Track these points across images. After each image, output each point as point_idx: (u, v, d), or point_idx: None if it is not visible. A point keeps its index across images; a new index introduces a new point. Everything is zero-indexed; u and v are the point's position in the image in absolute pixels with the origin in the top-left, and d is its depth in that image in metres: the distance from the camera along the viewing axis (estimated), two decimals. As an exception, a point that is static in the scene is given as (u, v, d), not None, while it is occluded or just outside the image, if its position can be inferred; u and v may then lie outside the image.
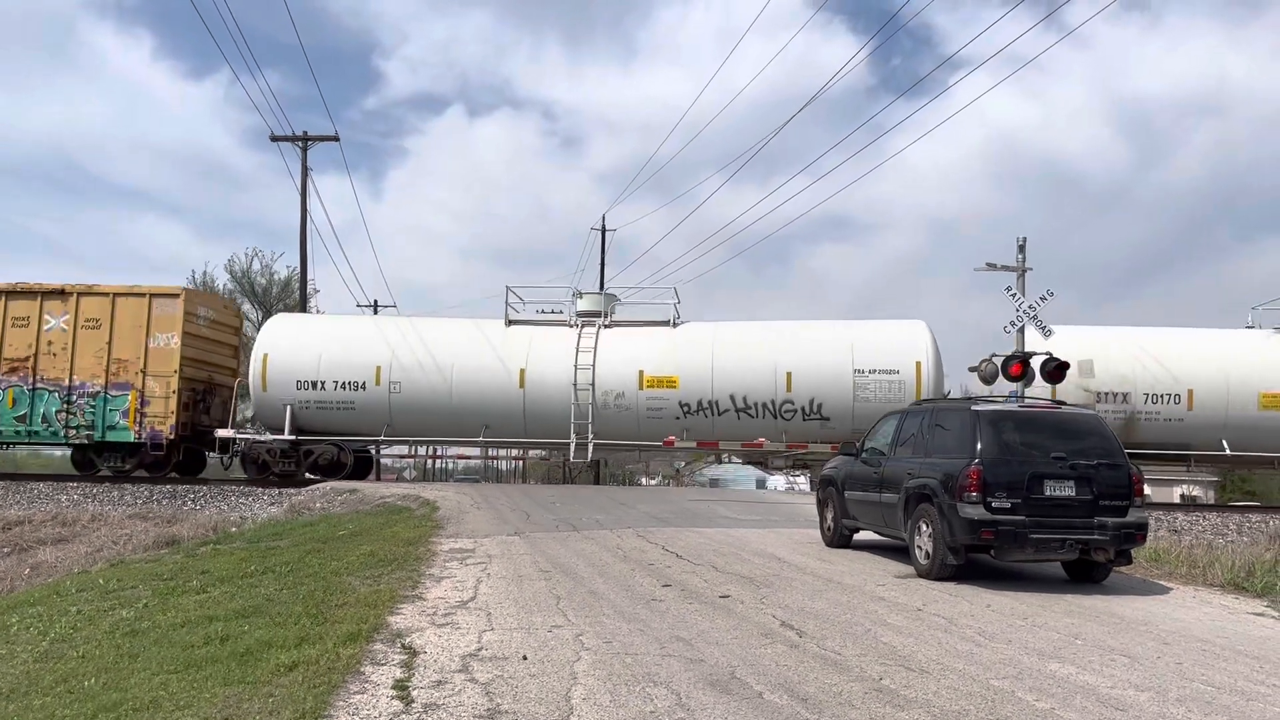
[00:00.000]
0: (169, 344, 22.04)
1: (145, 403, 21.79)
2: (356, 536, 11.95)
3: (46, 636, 7.70)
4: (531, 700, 4.94)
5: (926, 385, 20.90)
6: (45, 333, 22.08)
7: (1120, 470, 9.32)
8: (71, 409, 21.90)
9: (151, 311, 22.06)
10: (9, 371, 22.03)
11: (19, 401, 21.97)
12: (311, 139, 31.16)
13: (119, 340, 22.03)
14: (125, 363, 21.96)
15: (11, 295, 22.34)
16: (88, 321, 22.07)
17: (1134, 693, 5.43)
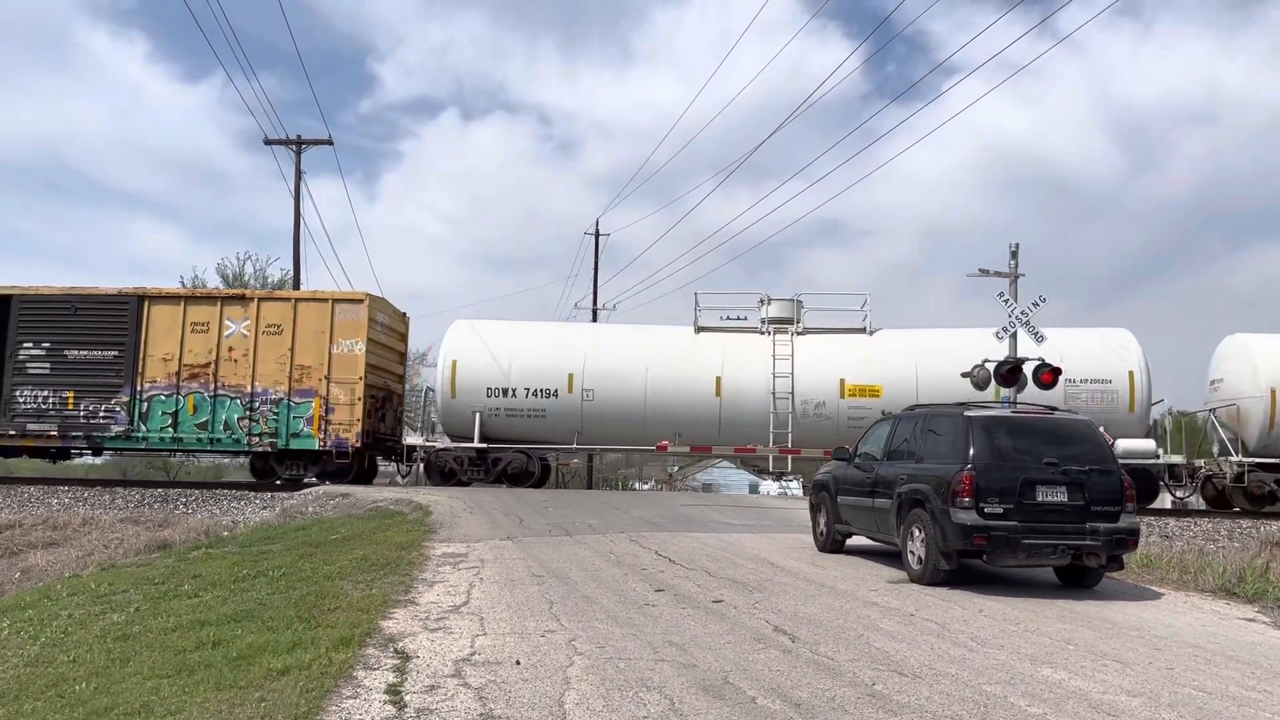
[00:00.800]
0: (353, 350, 21.69)
1: (330, 410, 21.48)
2: (349, 541, 11.93)
3: (37, 641, 7.67)
4: (524, 705, 4.94)
5: (1140, 395, 20.75)
6: (225, 339, 21.77)
7: (1112, 476, 9.35)
8: (254, 416, 21.58)
9: (334, 317, 21.75)
10: (190, 378, 21.72)
11: (200, 408, 21.69)
12: (305, 143, 31.14)
13: (301, 346, 21.70)
14: (308, 369, 21.63)
15: (191, 300, 22.18)
16: (269, 327, 21.76)
17: (1126, 698, 5.44)
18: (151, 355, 21.80)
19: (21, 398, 21.88)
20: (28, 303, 22.14)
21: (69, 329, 21.97)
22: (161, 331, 21.83)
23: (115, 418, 21.73)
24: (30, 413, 21.84)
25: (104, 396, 21.77)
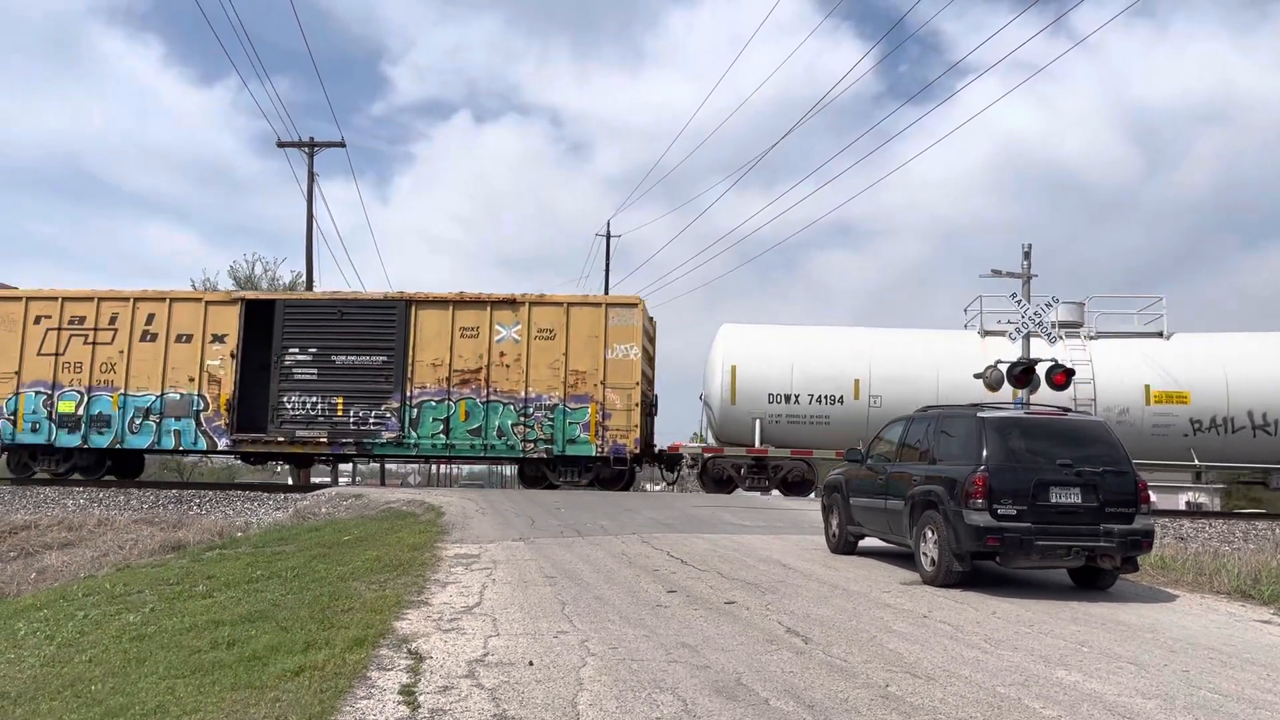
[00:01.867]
0: (628, 355, 21.42)
1: (606, 415, 21.21)
2: (362, 542, 11.96)
3: (53, 641, 7.72)
4: (538, 706, 4.94)
5: None
6: (496, 344, 21.54)
7: (1126, 477, 9.31)
8: (528, 422, 21.33)
9: (608, 321, 21.47)
10: (460, 384, 21.51)
11: (472, 414, 21.47)
12: (318, 145, 31.28)
13: (575, 351, 21.43)
14: (583, 374, 21.34)
15: (459, 305, 21.83)
16: (541, 332, 21.50)
17: (1141, 700, 5.42)
18: (420, 360, 21.59)
19: (289, 404, 21.77)
20: (293, 308, 22.07)
21: (336, 334, 21.84)
22: (430, 336, 21.65)
23: (386, 424, 21.54)
24: (299, 419, 21.70)
25: (374, 402, 21.61)
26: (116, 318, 21.96)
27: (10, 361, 21.92)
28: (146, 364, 21.87)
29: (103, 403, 21.79)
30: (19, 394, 21.82)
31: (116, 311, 21.99)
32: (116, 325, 21.94)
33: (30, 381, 21.83)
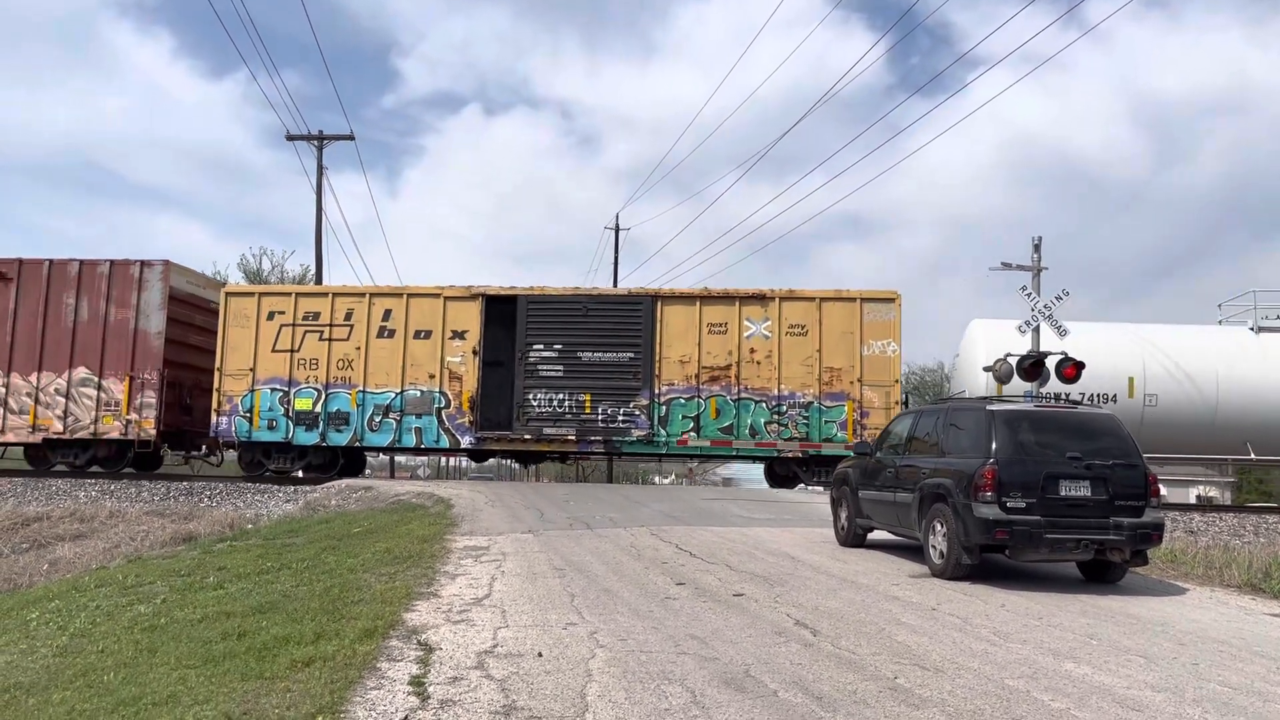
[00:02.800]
0: (885, 351, 20.84)
1: (864, 414, 20.60)
2: (371, 534, 12.01)
3: (66, 631, 7.77)
4: (547, 697, 4.96)
5: None
6: (745, 340, 21.04)
7: (1136, 470, 9.29)
8: (782, 420, 20.83)
9: (863, 316, 20.87)
10: (709, 380, 21.06)
11: (723, 412, 21.01)
12: (327, 138, 31.31)
13: (829, 347, 20.87)
14: (838, 371, 20.78)
15: (706, 300, 21.38)
16: (792, 328, 20.96)
17: (1150, 693, 5.41)
18: (667, 357, 21.21)
19: (535, 401, 21.45)
20: (536, 304, 21.69)
21: (580, 330, 21.50)
22: (677, 333, 21.25)
23: (635, 422, 21.16)
24: (545, 416, 21.39)
25: (622, 400, 21.21)
26: (352, 313, 21.81)
27: (245, 358, 21.80)
28: (384, 360, 21.67)
29: (340, 400, 21.61)
30: (254, 390, 21.68)
31: (352, 307, 21.85)
32: (352, 321, 21.78)
33: (266, 378, 21.69)
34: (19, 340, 21.99)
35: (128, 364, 21.72)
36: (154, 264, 22.10)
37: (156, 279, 21.96)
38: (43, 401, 21.83)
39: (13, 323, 22.04)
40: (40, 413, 21.84)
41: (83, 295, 21.97)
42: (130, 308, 21.87)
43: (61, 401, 21.74)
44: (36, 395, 21.82)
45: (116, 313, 21.89)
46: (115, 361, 21.78)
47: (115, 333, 21.82)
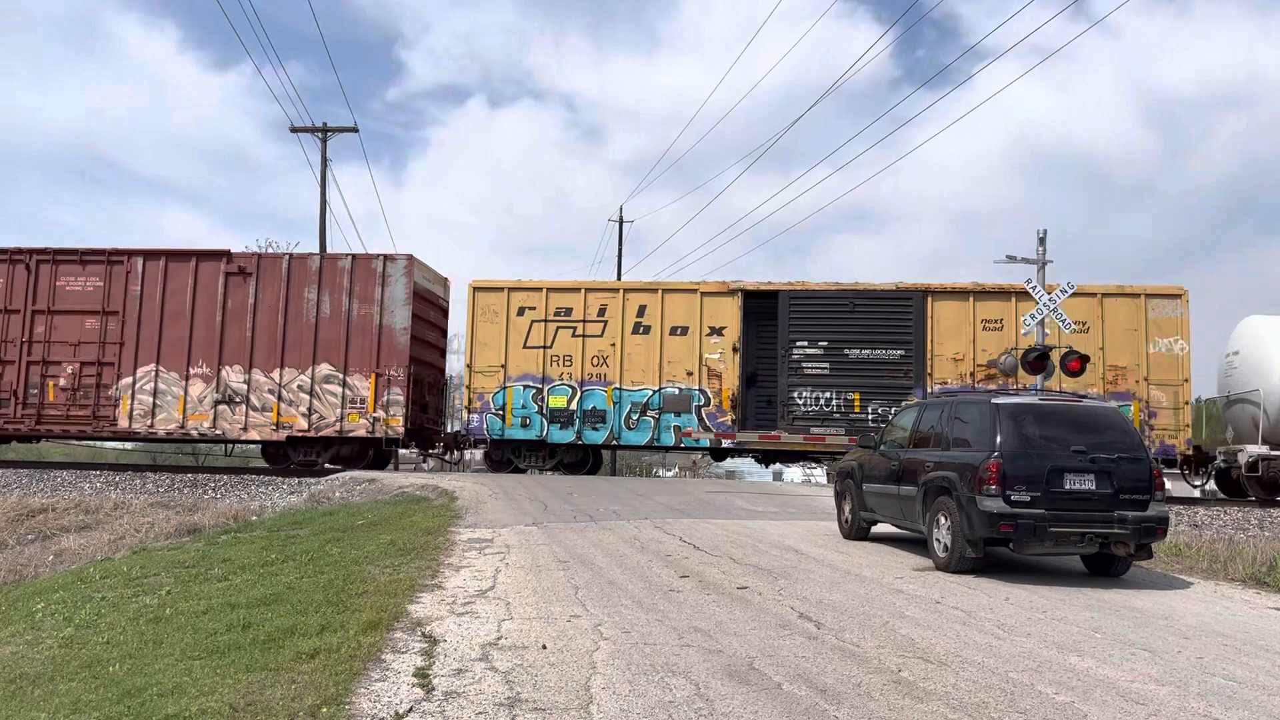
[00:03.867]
0: (1172, 349, 20.11)
1: (1152, 414, 19.98)
2: (376, 526, 12.02)
3: (71, 622, 7.79)
4: (551, 689, 4.97)
5: None
6: (1024, 337, 19.90)
7: (1141, 464, 9.27)
8: None
9: (1148, 313, 20.21)
10: (986, 379, 20.48)
11: None
12: (331, 130, 31.29)
13: (1112, 345, 20.23)
14: (1122, 370, 20.15)
15: (980, 296, 20.64)
16: (1076, 324, 19.62)
17: (1155, 687, 5.41)
18: (939, 354, 20.59)
19: (800, 399, 20.92)
20: (799, 299, 21.09)
21: (846, 327, 20.94)
22: (949, 329, 20.63)
23: None
24: (812, 415, 20.87)
25: (893, 399, 20.32)
26: (605, 309, 21.47)
27: (495, 354, 21.59)
28: (640, 357, 21.28)
29: (596, 397, 21.26)
30: (506, 387, 21.43)
31: (605, 303, 21.52)
32: (606, 317, 21.45)
33: (518, 375, 21.45)
34: (259, 336, 21.67)
35: (372, 361, 21.39)
36: (397, 258, 21.67)
37: (400, 274, 21.57)
38: (285, 399, 21.53)
39: (252, 318, 21.69)
40: (283, 410, 21.53)
41: (324, 290, 21.65)
42: (374, 303, 21.53)
43: (305, 399, 21.45)
44: (279, 392, 21.52)
45: (359, 308, 21.56)
46: (359, 358, 21.46)
47: (359, 329, 21.50)
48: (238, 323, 21.81)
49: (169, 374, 21.85)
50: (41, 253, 22.19)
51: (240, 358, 21.71)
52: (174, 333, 21.89)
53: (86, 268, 22.14)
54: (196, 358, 21.82)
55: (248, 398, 21.63)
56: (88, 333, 21.97)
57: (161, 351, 21.86)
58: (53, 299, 22.11)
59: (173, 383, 21.82)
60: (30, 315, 22.07)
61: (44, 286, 22.12)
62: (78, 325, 22.00)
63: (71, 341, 21.98)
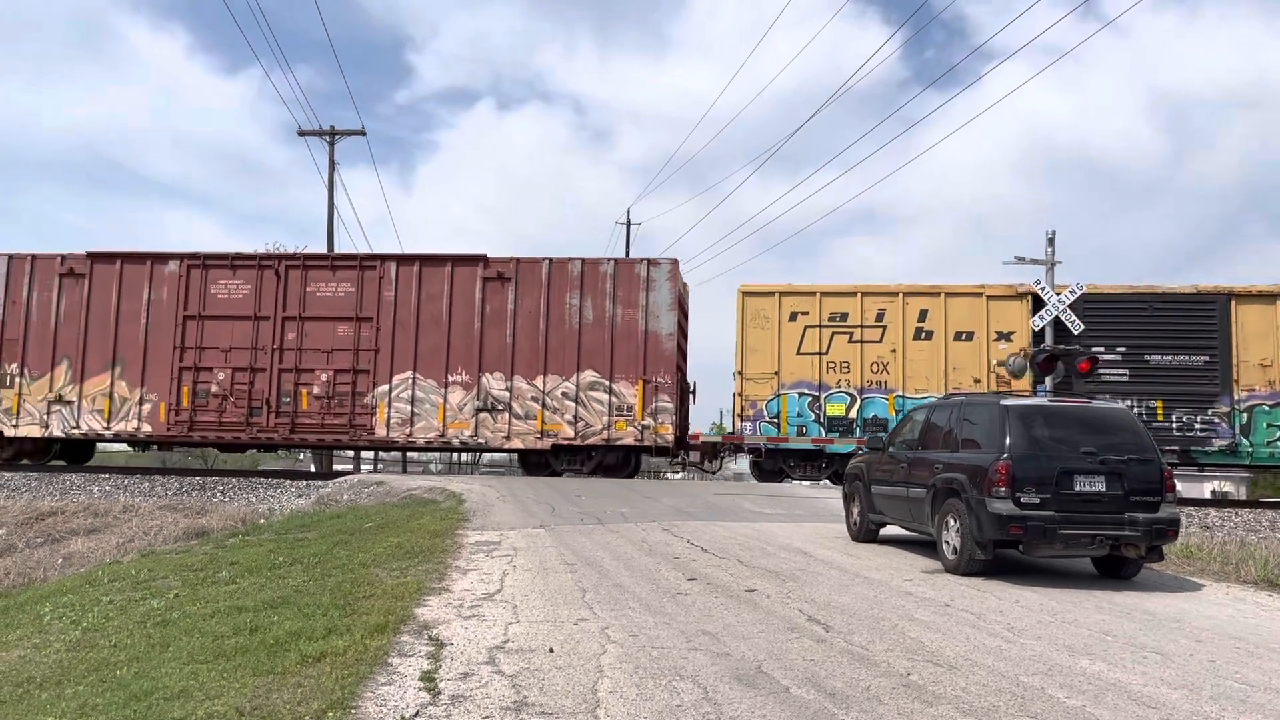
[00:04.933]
0: None
1: None
2: (383, 529, 12.02)
3: (79, 626, 7.80)
4: (558, 693, 4.94)
5: None
6: None
7: (1152, 465, 9.21)
8: None
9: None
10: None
11: None
12: (338, 134, 31.35)
13: None
14: None
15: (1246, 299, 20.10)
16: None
17: (1167, 690, 5.36)
18: (1244, 360, 20.03)
19: None
20: (1093, 303, 20.37)
21: (1144, 331, 20.36)
22: (1254, 334, 20.05)
23: (1215, 430, 19.98)
24: None
25: (1198, 407, 20.03)
26: (884, 314, 20.91)
27: (768, 361, 21.06)
28: (923, 363, 20.75)
29: (877, 405, 20.73)
30: (780, 395, 20.92)
31: (883, 307, 20.94)
32: (885, 322, 20.89)
33: (792, 382, 20.89)
34: (520, 343, 21.32)
35: (639, 367, 20.99)
36: (660, 262, 21.20)
37: (664, 278, 21.17)
38: (550, 406, 21.12)
39: (513, 324, 21.32)
40: (548, 418, 21.09)
41: (586, 295, 21.29)
42: (638, 308, 21.13)
43: (571, 406, 21.03)
44: (543, 400, 21.13)
45: (623, 313, 21.15)
46: (625, 364, 21.03)
47: (623, 334, 21.10)
48: (497, 328, 21.40)
49: (426, 381, 21.47)
50: (291, 259, 22.06)
51: (501, 365, 21.32)
52: (430, 339, 21.56)
53: (337, 273, 21.87)
54: (455, 364, 21.45)
55: (510, 405, 21.17)
56: (340, 339, 21.71)
57: (418, 358, 21.51)
58: (304, 305, 21.90)
59: (431, 390, 21.41)
60: (281, 322, 21.82)
61: (294, 293, 21.91)
62: (330, 332, 21.76)
63: (324, 349, 21.72)
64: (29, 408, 22.06)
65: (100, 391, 21.98)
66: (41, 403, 22.01)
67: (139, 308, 22.14)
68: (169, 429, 21.81)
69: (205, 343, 21.91)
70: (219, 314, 22.00)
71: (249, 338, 21.83)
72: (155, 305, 22.11)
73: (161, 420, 21.81)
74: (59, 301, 22.23)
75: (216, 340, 21.91)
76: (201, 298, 22.06)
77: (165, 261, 22.17)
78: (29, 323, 22.23)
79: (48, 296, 22.27)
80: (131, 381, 21.96)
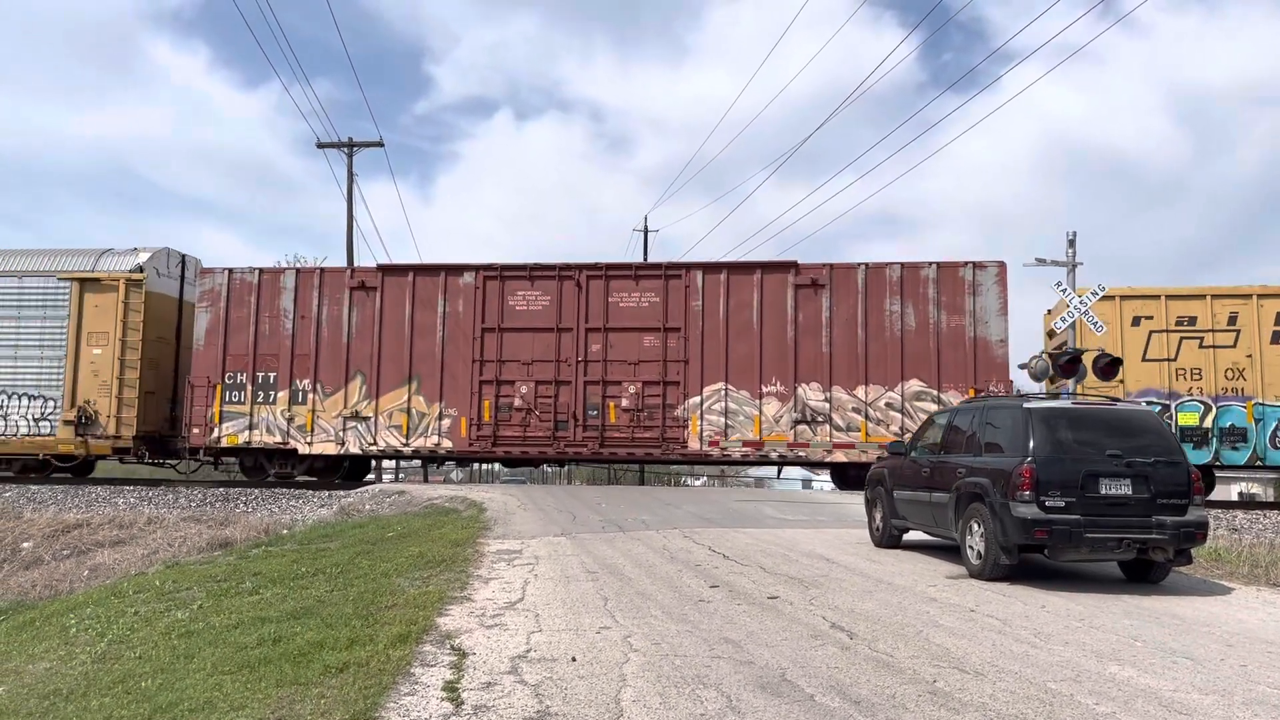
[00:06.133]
0: None
1: None
2: (405, 538, 12.03)
3: (104, 637, 7.84)
4: (581, 702, 4.92)
5: None
6: None
7: (1179, 468, 9.10)
8: None
9: None
10: None
11: None
12: (357, 145, 31.52)
13: None
14: None
15: None
16: None
17: (1198, 696, 5.28)
18: None
19: None
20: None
21: None
22: None
23: None
24: None
25: None
26: (1236, 317, 19.88)
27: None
28: None
29: (1233, 414, 19.67)
30: None
31: (1235, 310, 19.90)
32: (1238, 325, 19.87)
33: (1138, 390, 19.86)
34: (837, 352, 20.52)
35: (968, 376, 20.20)
36: (987, 265, 20.45)
37: (991, 282, 20.39)
38: (873, 417, 20.39)
39: (829, 332, 20.64)
40: (871, 429, 20.35)
41: (906, 301, 20.52)
42: (964, 313, 20.35)
43: (896, 417, 20.23)
44: (865, 410, 20.39)
45: (949, 319, 20.40)
46: (953, 373, 20.26)
47: (950, 341, 20.30)
48: (811, 337, 20.64)
49: (739, 393, 20.78)
50: (593, 268, 21.38)
51: (817, 374, 20.58)
52: (741, 349, 20.85)
53: (640, 283, 21.28)
54: (768, 375, 20.70)
55: (830, 417, 20.48)
56: (647, 350, 21.13)
57: (729, 369, 20.85)
58: (607, 316, 21.29)
59: (744, 402, 20.79)
60: (584, 334, 21.29)
61: (596, 303, 21.34)
62: (636, 343, 21.18)
63: (630, 360, 21.13)
64: (323, 424, 21.59)
65: (397, 407, 21.50)
66: (336, 419, 21.53)
67: (433, 321, 21.63)
68: (471, 444, 21.29)
69: (505, 355, 21.39)
70: (518, 326, 21.44)
71: (551, 350, 21.27)
72: (451, 318, 21.63)
73: (463, 435, 21.27)
74: (350, 315, 21.78)
75: (517, 353, 21.37)
76: (500, 309, 21.54)
77: (460, 273, 21.68)
78: (320, 338, 21.79)
79: (338, 311, 21.80)
80: (429, 396, 21.46)
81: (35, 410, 22.15)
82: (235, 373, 21.85)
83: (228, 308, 21.92)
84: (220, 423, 21.75)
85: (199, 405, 21.76)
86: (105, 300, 22.11)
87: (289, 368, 21.79)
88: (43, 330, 22.32)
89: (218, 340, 21.87)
